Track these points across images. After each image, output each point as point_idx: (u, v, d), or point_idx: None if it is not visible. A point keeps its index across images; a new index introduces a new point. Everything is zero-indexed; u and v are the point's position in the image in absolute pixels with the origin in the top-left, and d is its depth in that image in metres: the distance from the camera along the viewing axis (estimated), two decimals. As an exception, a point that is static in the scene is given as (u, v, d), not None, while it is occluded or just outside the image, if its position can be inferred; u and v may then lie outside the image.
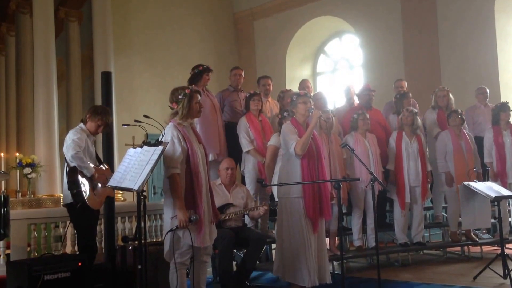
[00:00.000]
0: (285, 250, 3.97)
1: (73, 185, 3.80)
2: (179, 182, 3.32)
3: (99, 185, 3.96)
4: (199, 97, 3.53)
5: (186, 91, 3.46)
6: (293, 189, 3.90)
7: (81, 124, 4.08)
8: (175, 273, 3.40)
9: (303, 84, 6.26)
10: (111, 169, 4.21)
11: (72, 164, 3.84)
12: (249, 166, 5.19)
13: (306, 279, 3.84)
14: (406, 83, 6.52)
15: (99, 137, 5.29)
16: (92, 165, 3.93)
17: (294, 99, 4.09)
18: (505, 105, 5.94)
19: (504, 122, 5.86)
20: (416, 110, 5.63)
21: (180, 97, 3.44)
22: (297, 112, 4.06)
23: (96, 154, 4.21)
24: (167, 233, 3.35)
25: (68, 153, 3.85)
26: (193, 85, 4.27)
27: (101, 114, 4.09)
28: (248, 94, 5.33)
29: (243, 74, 5.93)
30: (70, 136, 3.93)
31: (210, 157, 5.12)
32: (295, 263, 3.87)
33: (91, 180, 3.90)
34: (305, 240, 3.85)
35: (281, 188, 3.97)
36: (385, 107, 6.45)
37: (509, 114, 5.87)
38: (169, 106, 3.51)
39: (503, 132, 5.84)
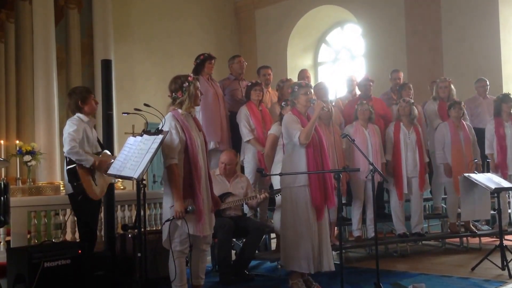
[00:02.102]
0: (289, 239, 3.97)
1: (73, 178, 3.80)
2: (176, 172, 3.32)
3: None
4: (199, 86, 3.54)
5: (189, 78, 3.45)
6: (298, 178, 3.89)
7: (77, 114, 4.00)
8: (174, 261, 3.42)
9: (303, 74, 6.23)
10: (111, 158, 4.20)
11: (69, 157, 3.84)
12: (249, 155, 5.18)
13: (310, 266, 3.85)
14: (402, 74, 6.48)
15: (99, 125, 5.28)
16: (91, 157, 3.91)
17: (296, 89, 4.05)
18: (507, 96, 5.92)
19: (506, 114, 5.85)
20: (412, 101, 5.62)
21: (185, 84, 3.41)
22: (298, 102, 4.03)
23: (98, 139, 4.19)
24: (164, 223, 3.37)
25: (65, 148, 3.84)
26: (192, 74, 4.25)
27: (87, 90, 4.09)
28: (250, 83, 5.29)
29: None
30: (66, 129, 3.88)
31: (211, 145, 5.11)
32: (300, 251, 3.87)
33: (91, 170, 3.89)
34: (310, 228, 3.87)
35: (285, 178, 3.97)
36: (382, 98, 6.40)
37: (511, 106, 5.84)
38: (172, 96, 3.46)
39: (505, 123, 5.83)
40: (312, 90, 4.14)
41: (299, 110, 4.03)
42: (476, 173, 4.88)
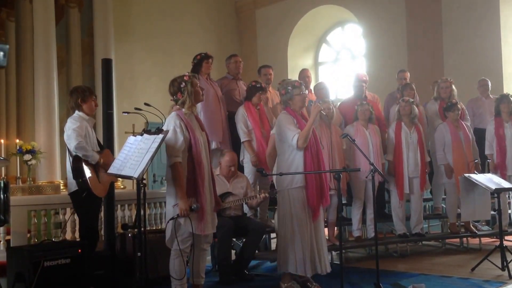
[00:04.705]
0: (286, 241, 3.95)
1: (78, 174, 3.80)
2: (180, 171, 3.33)
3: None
4: (198, 82, 3.55)
5: (185, 78, 3.46)
6: (295, 180, 3.88)
7: (77, 112, 4.03)
8: (174, 260, 3.43)
9: (303, 73, 6.20)
10: (112, 157, 4.19)
11: (75, 154, 3.83)
12: (248, 156, 5.16)
13: (307, 269, 3.84)
14: (409, 74, 6.48)
15: (99, 125, 5.28)
16: (95, 153, 3.92)
17: (290, 90, 3.99)
18: (505, 97, 5.92)
19: (506, 114, 5.85)
20: (413, 100, 5.62)
21: (182, 85, 3.44)
22: (293, 103, 4.00)
23: (97, 139, 4.20)
24: (168, 221, 3.36)
25: (71, 143, 3.83)
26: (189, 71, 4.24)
27: (88, 90, 4.10)
28: (258, 85, 5.21)
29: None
30: (70, 126, 3.90)
31: (213, 145, 5.11)
32: (297, 253, 3.86)
33: (95, 167, 3.90)
34: (306, 230, 3.86)
35: (282, 180, 3.94)
36: (387, 98, 6.43)
37: (509, 106, 5.84)
38: (174, 98, 3.49)
39: (505, 124, 5.83)
40: (305, 89, 4.09)
41: (294, 109, 4.00)
42: (476, 174, 4.88)
